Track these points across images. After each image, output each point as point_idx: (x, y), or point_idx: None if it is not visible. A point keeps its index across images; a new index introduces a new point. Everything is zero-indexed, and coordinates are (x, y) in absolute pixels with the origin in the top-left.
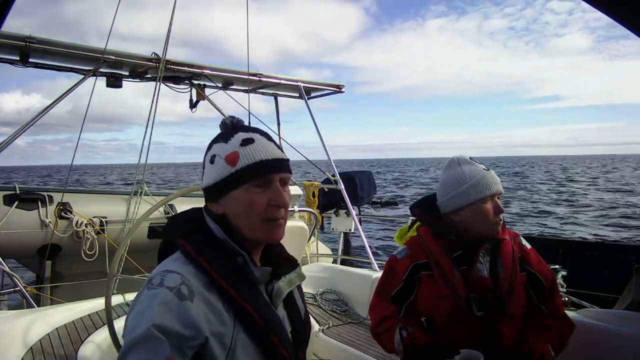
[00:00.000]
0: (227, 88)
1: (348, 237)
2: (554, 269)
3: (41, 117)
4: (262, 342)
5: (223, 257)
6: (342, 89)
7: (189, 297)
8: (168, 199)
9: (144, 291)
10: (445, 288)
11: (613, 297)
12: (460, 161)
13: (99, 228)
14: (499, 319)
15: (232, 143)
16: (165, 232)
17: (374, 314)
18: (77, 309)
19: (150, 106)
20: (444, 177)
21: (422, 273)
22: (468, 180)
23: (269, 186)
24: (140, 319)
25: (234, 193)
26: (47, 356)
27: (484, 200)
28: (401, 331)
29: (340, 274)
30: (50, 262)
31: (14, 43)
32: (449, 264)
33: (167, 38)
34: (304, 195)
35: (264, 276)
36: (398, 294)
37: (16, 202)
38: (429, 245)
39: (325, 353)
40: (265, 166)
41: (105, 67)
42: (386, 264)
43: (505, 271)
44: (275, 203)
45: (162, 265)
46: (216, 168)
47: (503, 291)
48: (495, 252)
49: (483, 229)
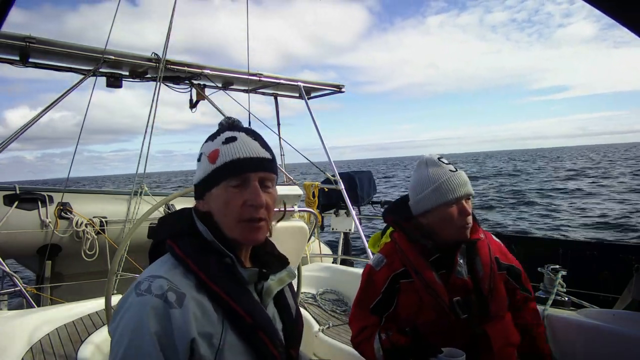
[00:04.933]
0: (227, 88)
1: (348, 237)
2: (553, 269)
3: (41, 118)
4: (251, 341)
5: (211, 258)
6: (342, 89)
7: (177, 303)
8: (168, 199)
9: (132, 295)
10: (427, 295)
11: (613, 297)
12: (428, 162)
13: (99, 228)
14: (484, 320)
15: (217, 141)
16: (155, 233)
17: (353, 325)
18: (77, 309)
19: (151, 106)
20: (412, 179)
21: (401, 282)
22: (432, 184)
23: (246, 185)
24: (130, 328)
25: (214, 191)
26: (47, 356)
27: (447, 204)
28: (380, 334)
29: (340, 274)
30: (50, 262)
31: (14, 43)
32: (428, 270)
33: (167, 37)
34: (304, 195)
35: (250, 277)
36: (377, 305)
37: (16, 202)
38: (405, 252)
39: (325, 353)
40: (242, 164)
41: (105, 67)
42: (363, 274)
43: (484, 270)
44: (251, 203)
45: (150, 268)
46: (201, 166)
47: (485, 290)
48: (472, 252)
49: (450, 233)
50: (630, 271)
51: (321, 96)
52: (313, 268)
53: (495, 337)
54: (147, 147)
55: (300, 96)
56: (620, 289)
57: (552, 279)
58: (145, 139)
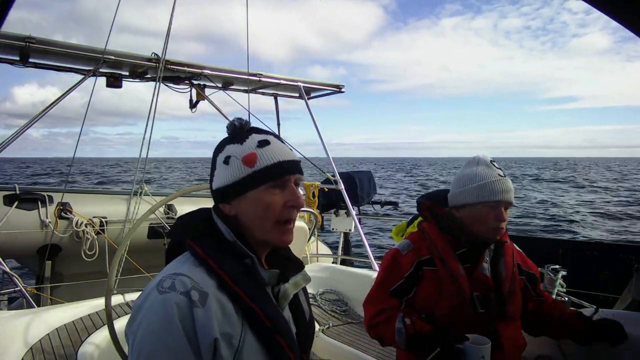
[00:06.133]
0: (227, 88)
1: (348, 237)
2: (554, 269)
3: (40, 118)
4: (268, 344)
5: (232, 259)
6: (342, 89)
7: (200, 302)
8: (168, 199)
9: (153, 293)
10: (450, 285)
11: (613, 297)
12: (479, 161)
13: (99, 228)
14: (498, 318)
15: (248, 144)
16: (174, 233)
17: (370, 306)
18: (77, 309)
19: (150, 105)
20: (459, 173)
21: (424, 269)
22: (477, 181)
23: (285, 187)
24: (156, 327)
25: (251, 194)
26: (47, 356)
27: (486, 204)
28: (405, 318)
29: (340, 274)
30: (50, 262)
31: (14, 43)
32: (454, 261)
33: (167, 38)
34: (304, 196)
35: (271, 279)
36: (398, 288)
37: (16, 202)
38: (434, 240)
39: (325, 353)
40: (283, 167)
41: (105, 67)
42: (388, 256)
43: (507, 272)
44: (292, 204)
45: (171, 266)
46: (232, 169)
47: (505, 291)
48: (497, 253)
49: (480, 230)
50: (630, 271)
51: (321, 96)
52: (313, 268)
53: (507, 336)
54: (147, 147)
55: (300, 96)
56: (620, 289)
57: (552, 279)
58: (145, 138)
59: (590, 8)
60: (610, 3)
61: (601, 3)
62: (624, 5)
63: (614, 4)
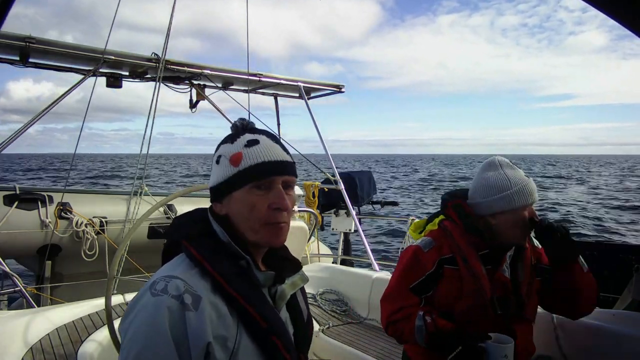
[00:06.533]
0: (227, 88)
1: (348, 237)
2: None
3: (40, 119)
4: (264, 345)
5: (227, 261)
6: (342, 89)
7: (192, 306)
8: (168, 199)
9: (146, 295)
10: (471, 285)
11: (613, 297)
12: (502, 164)
13: (99, 228)
14: (515, 320)
15: (237, 144)
16: (170, 233)
17: (388, 303)
18: (77, 309)
19: (150, 106)
20: (484, 178)
21: (445, 267)
22: (513, 186)
23: (271, 189)
24: (145, 330)
25: (236, 194)
26: (47, 356)
27: (524, 208)
28: (425, 316)
29: (340, 274)
30: (50, 262)
31: (13, 43)
32: (477, 261)
33: (167, 38)
34: (304, 196)
35: (266, 280)
36: (418, 286)
37: (16, 202)
38: (456, 239)
39: (325, 353)
40: (267, 167)
41: (105, 67)
42: (409, 252)
43: (525, 275)
44: (276, 206)
45: (165, 268)
46: (221, 168)
47: (523, 294)
48: (517, 256)
49: (514, 236)
50: (630, 271)
51: (321, 96)
52: (313, 268)
53: (522, 339)
54: (147, 147)
55: (300, 96)
56: (620, 289)
57: None
58: (145, 138)
59: (587, 6)
60: (606, 1)
61: (598, 1)
62: (621, 4)
63: (610, 2)
